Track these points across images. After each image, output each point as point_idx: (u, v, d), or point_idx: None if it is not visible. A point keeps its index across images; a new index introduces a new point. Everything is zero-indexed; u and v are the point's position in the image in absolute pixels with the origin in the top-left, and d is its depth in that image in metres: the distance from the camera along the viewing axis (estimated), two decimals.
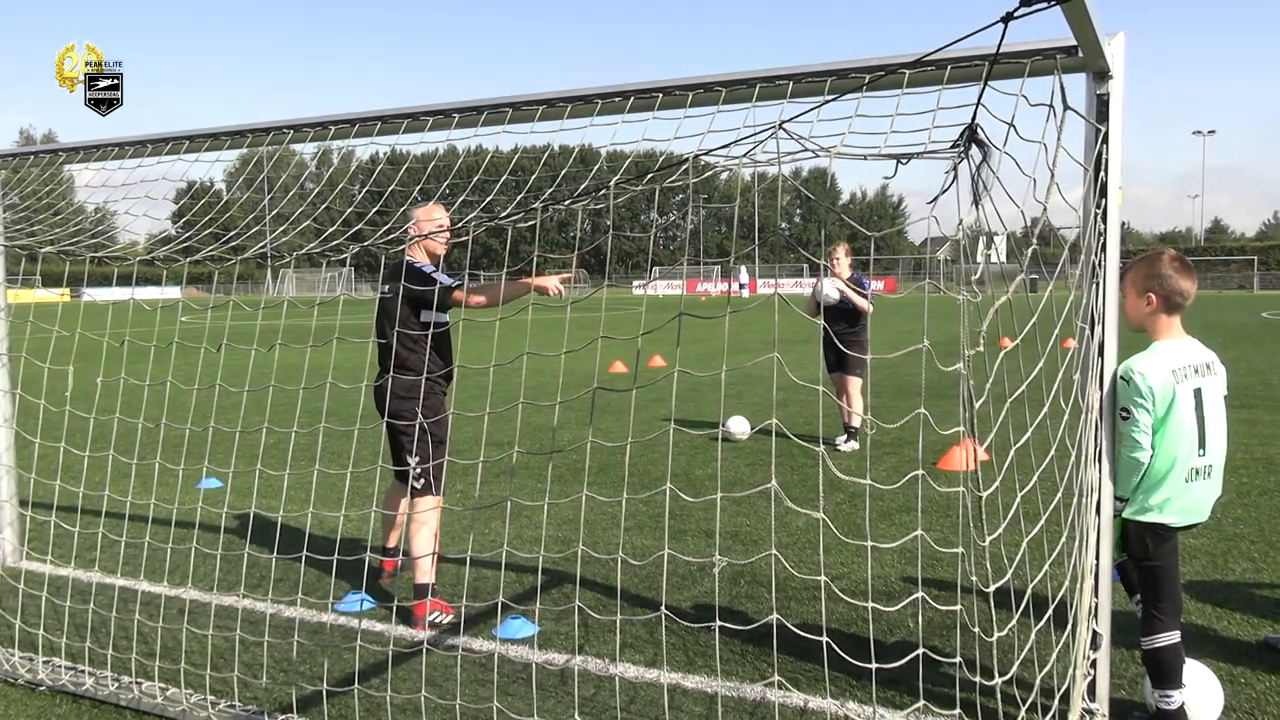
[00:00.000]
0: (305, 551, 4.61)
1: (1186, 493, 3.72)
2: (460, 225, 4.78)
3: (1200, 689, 3.81)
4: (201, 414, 10.95)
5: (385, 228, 4.34)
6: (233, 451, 8.93)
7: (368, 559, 5.52)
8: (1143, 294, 3.76)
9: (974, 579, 3.34)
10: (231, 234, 4.87)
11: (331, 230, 4.45)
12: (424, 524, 5.21)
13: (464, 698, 4.13)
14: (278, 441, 10.04)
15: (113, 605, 5.06)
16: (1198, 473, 3.72)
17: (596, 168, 4.06)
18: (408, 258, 5.29)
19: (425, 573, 5.16)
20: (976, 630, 3.56)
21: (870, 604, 4.29)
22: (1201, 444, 3.72)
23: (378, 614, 5.31)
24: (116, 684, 4.34)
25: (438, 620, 5.15)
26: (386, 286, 5.27)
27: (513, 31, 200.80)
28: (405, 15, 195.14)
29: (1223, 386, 3.84)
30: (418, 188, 5.11)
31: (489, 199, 4.31)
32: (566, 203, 4.02)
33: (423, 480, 5.27)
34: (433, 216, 5.39)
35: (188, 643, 4.70)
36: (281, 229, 4.65)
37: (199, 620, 4.99)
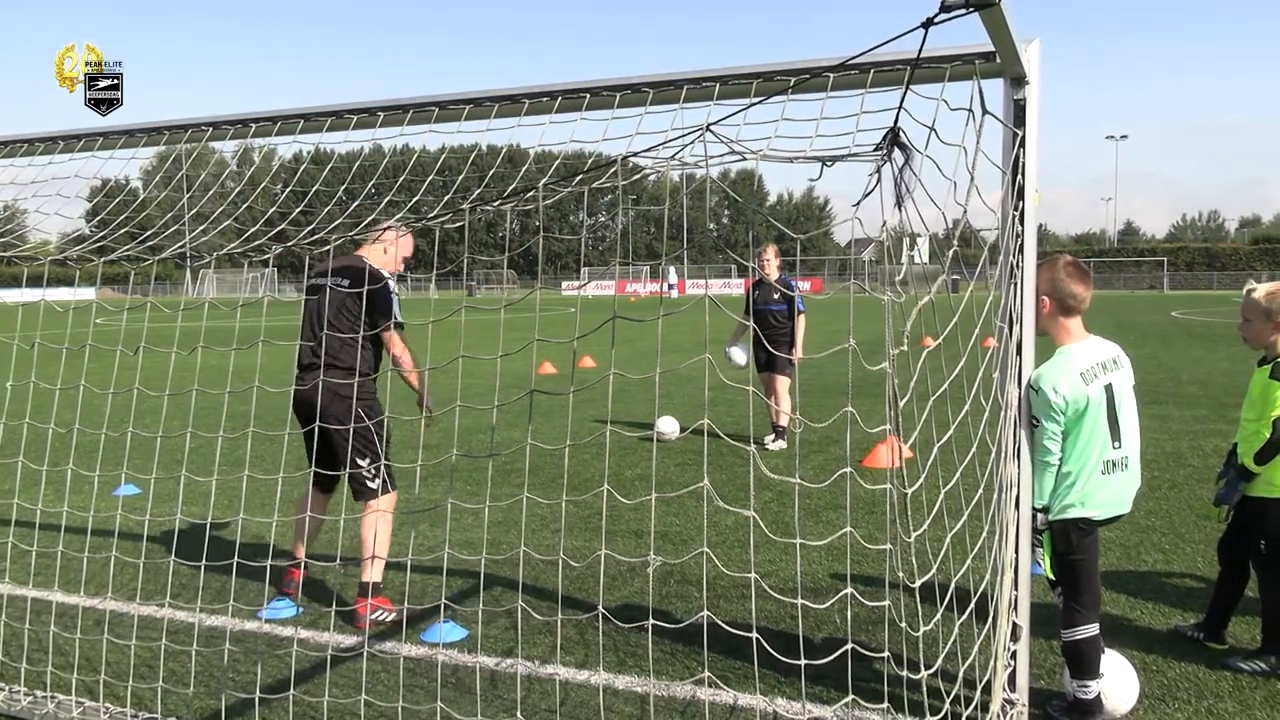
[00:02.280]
0: (236, 559, 4.51)
1: (1105, 485, 3.83)
2: (386, 226, 4.73)
3: (1117, 678, 3.93)
4: (118, 419, 10.65)
5: (309, 228, 4.27)
6: (152, 457, 8.70)
7: (302, 564, 5.42)
8: (1039, 298, 3.86)
9: (901, 575, 3.40)
10: (148, 233, 4.74)
11: (254, 230, 4.36)
12: (382, 522, 5.20)
13: (389, 702, 4.08)
14: (199, 446, 9.81)
15: (25, 617, 4.90)
16: (1114, 465, 3.84)
17: (525, 168, 4.05)
18: (369, 262, 5.28)
19: (376, 571, 5.19)
20: (904, 625, 3.62)
21: (799, 601, 4.35)
22: (1116, 436, 3.84)
23: (306, 619, 5.22)
24: (30, 699, 4.20)
25: (382, 618, 5.13)
26: (344, 281, 5.21)
27: (449, 28, 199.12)
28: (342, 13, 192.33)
29: (1131, 378, 3.97)
30: (342, 187, 5.03)
31: (415, 199, 4.27)
32: (495, 203, 4.00)
33: (378, 480, 5.24)
34: (405, 253, 5.57)
35: (108, 654, 4.57)
36: (201, 228, 4.54)
37: (119, 631, 4.86)
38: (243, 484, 4.64)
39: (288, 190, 4.76)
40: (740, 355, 10.03)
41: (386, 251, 5.48)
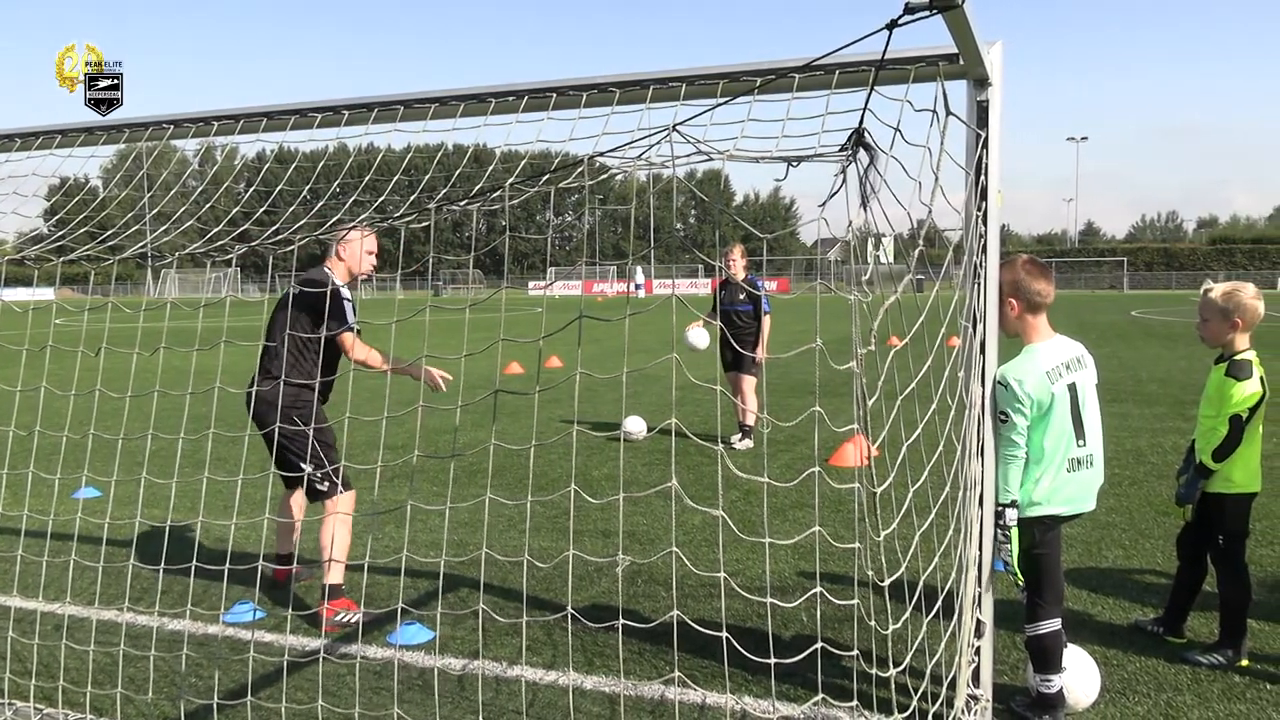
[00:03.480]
0: (195, 562, 4.46)
1: (1070, 482, 3.88)
2: (352, 225, 4.69)
3: (1079, 673, 3.99)
4: (78, 421, 10.50)
5: (273, 227, 4.23)
6: (113, 460, 8.59)
7: (260, 568, 5.37)
8: (1004, 300, 3.89)
9: (870, 573, 3.43)
10: (109, 233, 4.68)
11: (217, 230, 4.31)
12: (337, 523, 5.16)
13: (360, 706, 4.05)
14: (160, 448, 9.69)
15: None
16: (1079, 462, 3.89)
17: (491, 168, 4.03)
18: (328, 270, 5.34)
19: (336, 573, 5.17)
20: (873, 624, 3.65)
21: (768, 599, 4.36)
22: (1080, 434, 3.89)
23: (268, 623, 5.17)
24: None
25: (345, 620, 5.08)
26: (300, 288, 5.27)
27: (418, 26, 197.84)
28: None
29: (1094, 377, 4.02)
30: (307, 187, 4.99)
31: (381, 199, 4.24)
32: (461, 203, 3.98)
33: (326, 483, 5.24)
34: (368, 248, 5.49)
35: (66, 659, 4.50)
36: (163, 228, 4.48)
37: (78, 635, 4.79)
38: (203, 486, 4.59)
39: (251, 189, 4.71)
40: (700, 339, 10.05)
41: (342, 256, 5.45)
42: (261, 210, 4.45)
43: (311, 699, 4.07)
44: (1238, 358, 4.50)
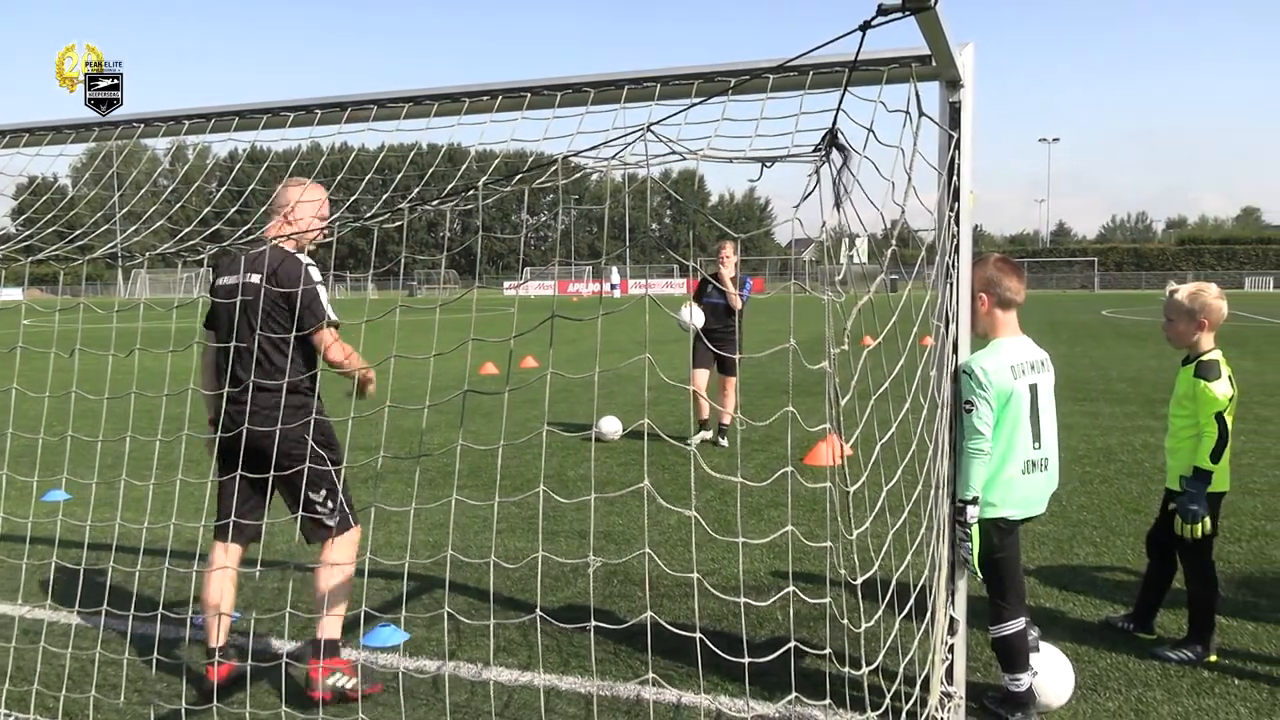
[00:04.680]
0: (167, 565, 4.42)
1: (1024, 485, 3.90)
2: (325, 225, 4.66)
3: (1053, 671, 4.02)
4: (49, 422, 10.38)
5: (245, 227, 4.19)
6: (83, 462, 8.49)
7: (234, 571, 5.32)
8: (976, 296, 3.92)
9: (843, 572, 3.44)
10: (78, 232, 4.63)
11: (188, 230, 4.27)
12: (344, 567, 4.30)
13: (330, 711, 4.03)
14: (132, 450, 9.59)
15: None
16: (1034, 465, 3.91)
17: (465, 167, 4.02)
18: (285, 247, 4.34)
19: (336, 627, 4.33)
20: (845, 622, 3.67)
21: (742, 599, 4.37)
22: (1036, 437, 3.91)
23: (239, 626, 5.13)
24: None
25: (341, 685, 4.24)
26: (255, 277, 4.25)
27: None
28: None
29: (1052, 382, 4.06)
30: (280, 186, 4.96)
31: (354, 198, 4.22)
32: (435, 203, 3.96)
33: (338, 515, 4.31)
34: (311, 198, 4.42)
35: (41, 664, 4.45)
36: (134, 228, 4.44)
37: (51, 639, 4.73)
38: (176, 488, 4.55)
39: (223, 189, 4.68)
40: (693, 317, 10.01)
41: (291, 223, 4.42)
42: (234, 210, 4.42)
43: (279, 704, 4.04)
44: (1205, 358, 4.55)
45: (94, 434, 4.80)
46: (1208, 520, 4.45)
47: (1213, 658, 4.49)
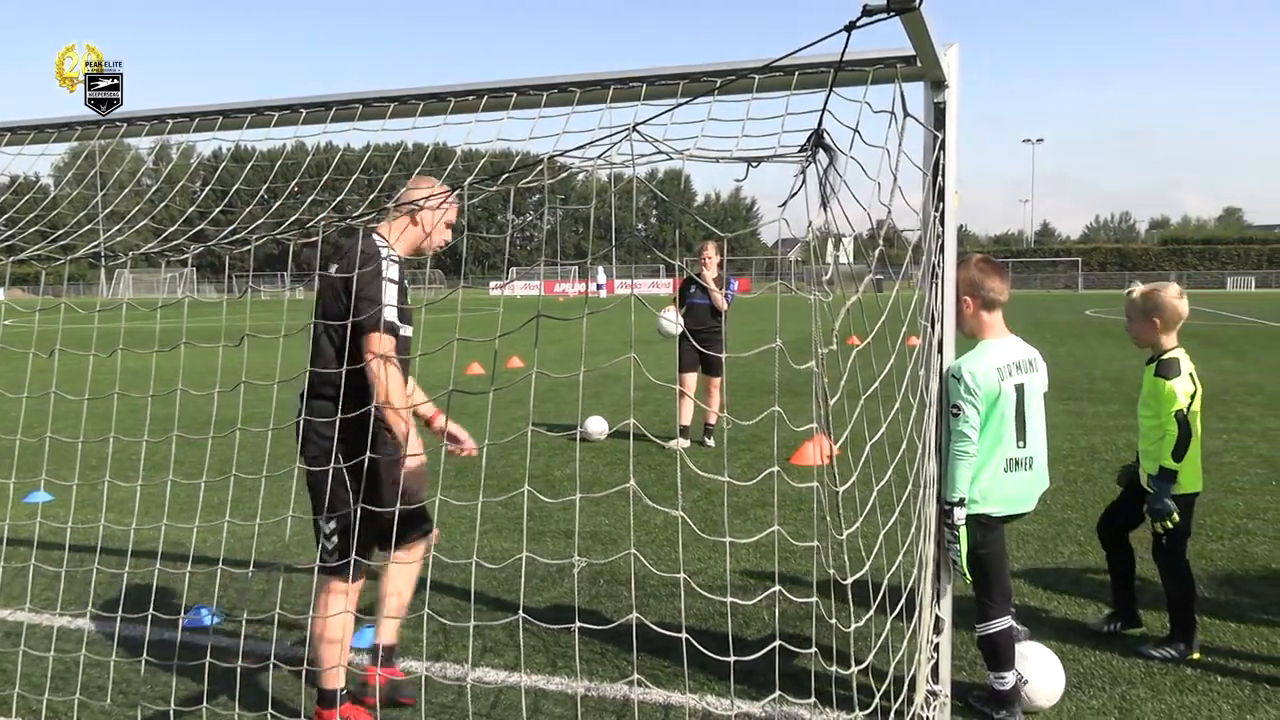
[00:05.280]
0: (159, 566, 4.40)
1: (1007, 483, 3.91)
2: (310, 225, 4.64)
3: (1044, 671, 4.03)
4: (31, 423, 10.31)
5: (230, 227, 4.18)
6: (65, 463, 8.44)
7: (219, 572, 5.30)
8: (960, 298, 3.94)
9: (831, 571, 3.44)
10: (60, 232, 4.60)
11: (172, 229, 4.25)
12: (332, 612, 3.82)
13: (308, 712, 4.01)
14: (116, 451, 9.53)
15: None
16: (1017, 463, 3.93)
17: (451, 167, 4.01)
18: (377, 238, 3.91)
19: (333, 676, 3.89)
20: (834, 622, 3.67)
21: (729, 599, 4.37)
22: (1021, 436, 3.92)
23: (226, 628, 5.11)
24: None
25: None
26: (334, 267, 3.89)
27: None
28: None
29: (1043, 383, 4.07)
30: (264, 186, 4.94)
31: (340, 198, 4.21)
32: (421, 202, 3.95)
33: (335, 552, 3.81)
34: (446, 218, 4.07)
35: (22, 665, 4.42)
36: (116, 228, 4.42)
37: (34, 641, 4.70)
38: (167, 489, 4.52)
39: (207, 188, 4.66)
40: (672, 325, 10.01)
41: (416, 220, 4.02)
42: (218, 209, 4.40)
43: (265, 705, 4.02)
44: (1165, 357, 4.58)
45: (75, 435, 4.77)
46: (1175, 514, 4.47)
47: (1196, 655, 4.52)
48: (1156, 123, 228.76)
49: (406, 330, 3.88)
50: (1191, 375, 4.55)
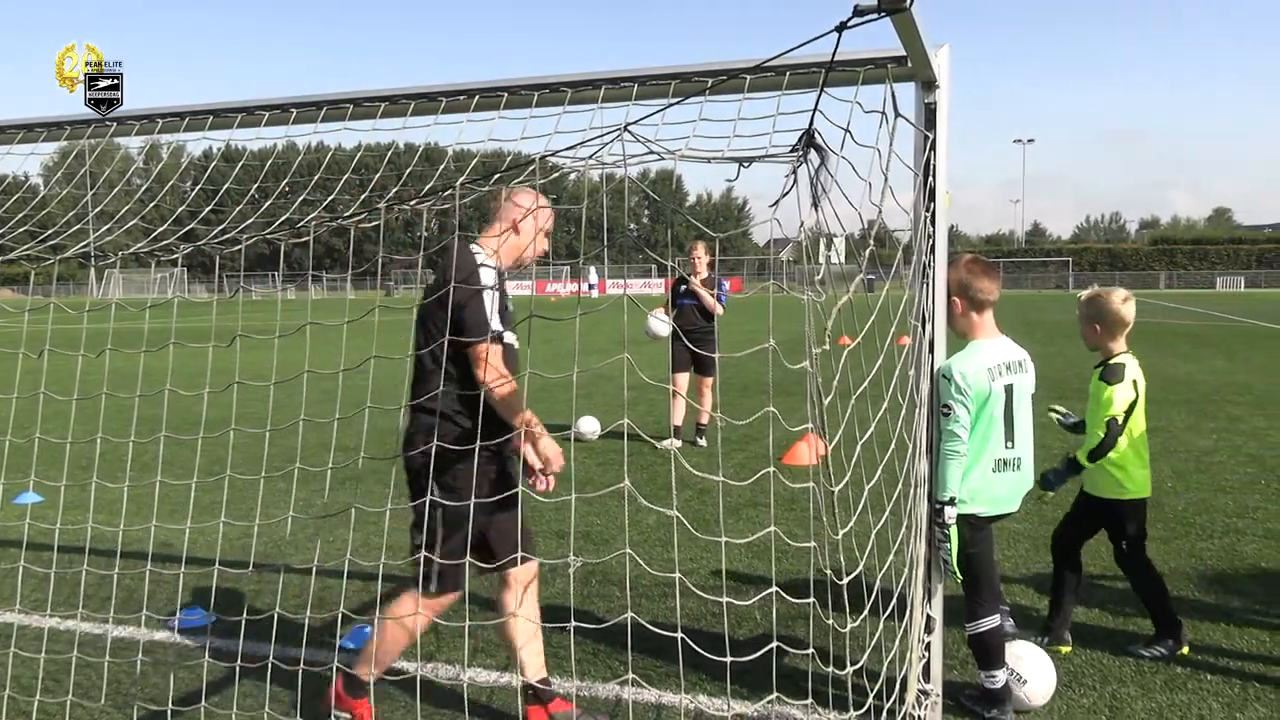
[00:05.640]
0: (149, 566, 4.38)
1: (995, 483, 3.92)
2: (301, 225, 4.63)
3: (1036, 671, 4.04)
4: (20, 424, 10.26)
5: (220, 227, 4.16)
6: (54, 464, 8.41)
7: (216, 571, 5.29)
8: (950, 299, 3.94)
9: (828, 571, 3.45)
10: (49, 232, 4.58)
11: (162, 229, 4.24)
12: (404, 620, 3.76)
13: (309, 714, 4.00)
14: (106, 451, 9.49)
15: None
16: (1005, 464, 3.94)
17: (442, 167, 4.00)
18: (475, 248, 3.85)
19: (372, 668, 3.86)
20: (830, 622, 3.68)
21: (724, 599, 4.38)
22: (1009, 437, 3.94)
23: (220, 628, 5.09)
24: None
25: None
26: (431, 276, 3.86)
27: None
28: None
29: (1032, 384, 4.08)
30: (255, 185, 4.92)
31: (331, 197, 4.20)
32: (412, 202, 3.94)
33: (426, 571, 3.75)
34: (544, 226, 4.03)
35: (13, 667, 4.40)
36: (106, 227, 4.40)
37: (24, 643, 4.68)
38: (155, 490, 4.50)
39: (197, 188, 4.64)
40: (660, 327, 10.00)
41: (519, 229, 3.94)
42: (208, 209, 4.39)
43: (259, 705, 4.01)
44: (1111, 361, 4.59)
45: (64, 436, 4.75)
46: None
47: (1185, 650, 4.54)
48: (1146, 123, 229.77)
49: (511, 338, 3.82)
50: (1135, 383, 4.55)
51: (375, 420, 11.41)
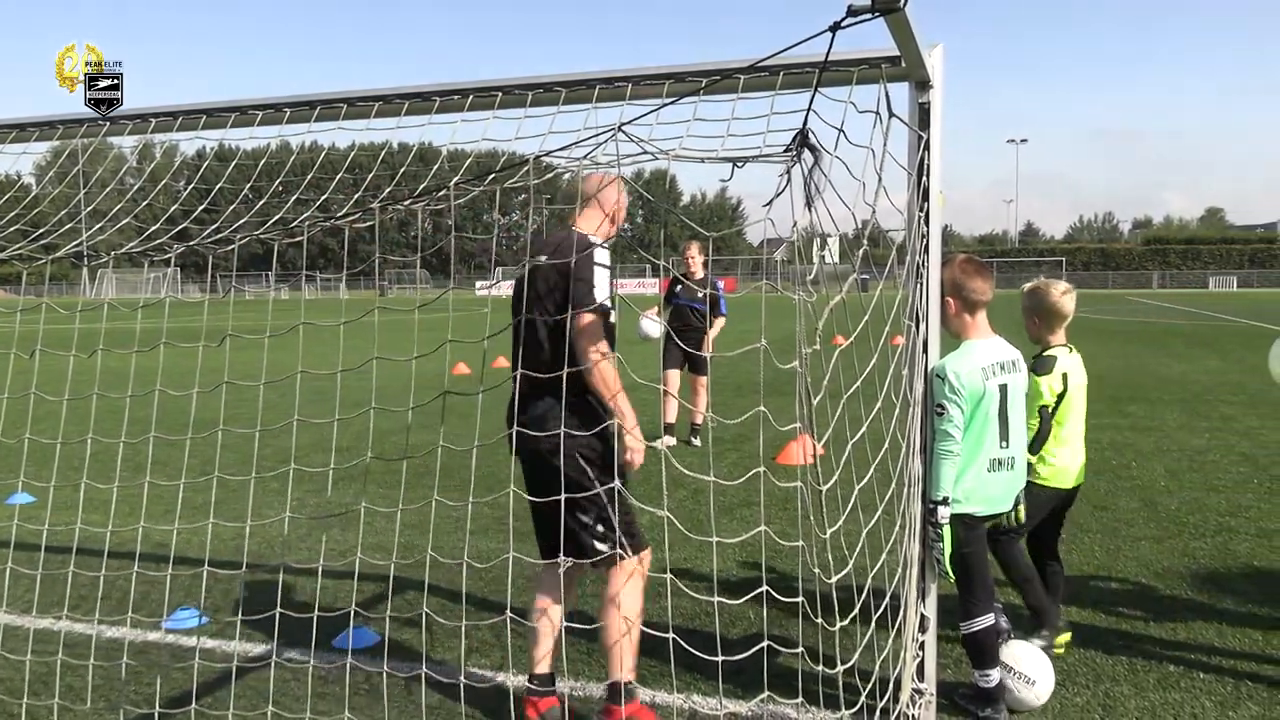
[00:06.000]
0: (136, 568, 4.37)
1: (990, 483, 3.94)
2: (295, 225, 4.62)
3: (1034, 671, 4.04)
4: (11, 424, 10.23)
5: (213, 226, 4.15)
6: (46, 464, 8.38)
7: (205, 573, 5.27)
8: (944, 299, 3.95)
9: (817, 571, 3.45)
10: (41, 231, 4.56)
11: (155, 228, 4.23)
12: (623, 601, 3.80)
13: (297, 713, 3.99)
14: (97, 452, 9.47)
15: None
16: (1000, 463, 3.95)
17: (437, 167, 4.00)
18: (583, 231, 3.92)
19: (627, 667, 3.85)
20: (820, 621, 3.68)
21: (716, 598, 4.37)
22: (1004, 436, 3.95)
23: (211, 629, 5.08)
24: None
25: None
26: (542, 257, 3.87)
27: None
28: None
29: (1025, 384, 4.09)
30: (248, 185, 4.91)
31: (324, 197, 4.19)
32: (406, 202, 3.94)
33: (608, 542, 3.80)
34: (612, 195, 4.07)
35: (1, 670, 4.39)
36: (98, 226, 4.39)
37: (13, 645, 4.66)
38: (144, 490, 4.49)
39: (190, 187, 4.63)
40: (652, 329, 9.99)
41: (605, 209, 4.03)
42: (201, 209, 4.37)
43: (255, 706, 4.00)
44: (1045, 353, 4.62)
45: (55, 436, 4.74)
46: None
47: (1065, 637, 4.59)
48: (1140, 124, 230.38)
49: (614, 316, 3.88)
50: (1065, 376, 4.56)
51: (376, 420, 11.40)
